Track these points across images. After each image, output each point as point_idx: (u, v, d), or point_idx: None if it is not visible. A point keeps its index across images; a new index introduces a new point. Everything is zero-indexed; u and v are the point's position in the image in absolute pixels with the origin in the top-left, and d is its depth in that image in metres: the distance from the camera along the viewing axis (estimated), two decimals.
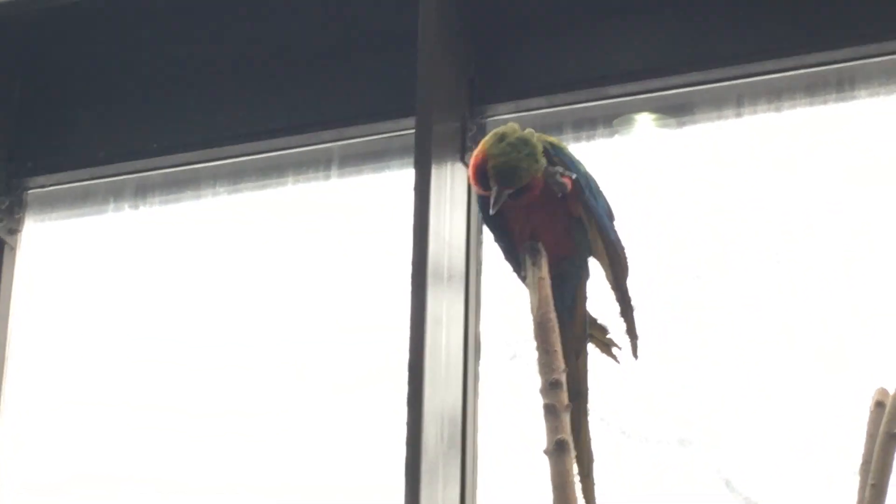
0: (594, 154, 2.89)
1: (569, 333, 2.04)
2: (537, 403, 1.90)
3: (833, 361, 2.67)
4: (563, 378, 1.89)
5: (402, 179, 3.05)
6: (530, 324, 1.96)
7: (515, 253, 2.07)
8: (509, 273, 2.13)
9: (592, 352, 2.12)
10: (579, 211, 2.05)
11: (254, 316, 3.20)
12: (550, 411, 1.87)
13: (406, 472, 2.65)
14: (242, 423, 3.12)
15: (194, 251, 3.31)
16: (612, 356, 2.13)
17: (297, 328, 3.14)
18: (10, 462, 3.28)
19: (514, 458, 2.81)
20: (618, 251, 2.08)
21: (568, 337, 2.02)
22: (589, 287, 2.11)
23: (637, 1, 2.99)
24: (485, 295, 2.92)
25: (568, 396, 1.89)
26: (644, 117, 2.97)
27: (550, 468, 1.85)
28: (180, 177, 3.34)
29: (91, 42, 3.47)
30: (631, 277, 2.09)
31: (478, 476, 2.81)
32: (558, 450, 1.85)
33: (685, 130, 2.94)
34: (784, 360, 2.71)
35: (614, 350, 2.13)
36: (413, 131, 2.92)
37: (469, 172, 2.01)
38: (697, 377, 2.76)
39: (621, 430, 2.72)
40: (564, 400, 1.88)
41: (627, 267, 2.09)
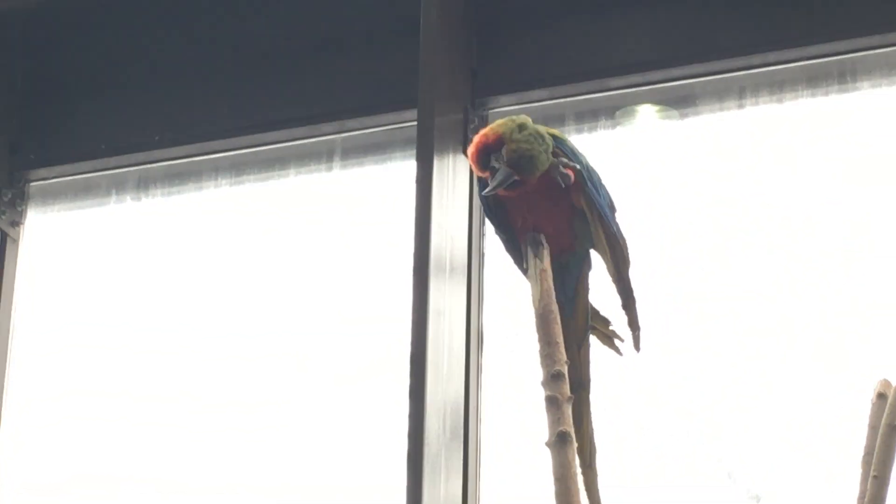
0: (596, 146, 2.89)
1: (571, 325, 2.04)
2: (539, 395, 1.90)
3: (834, 353, 2.67)
4: (566, 370, 1.89)
5: (404, 171, 3.04)
6: (532, 316, 1.96)
7: (517, 244, 2.07)
8: (511, 265, 2.13)
9: (594, 343, 2.12)
10: (581, 203, 2.06)
11: (256, 308, 3.20)
12: (552, 403, 1.87)
13: (408, 465, 2.65)
14: (244, 415, 3.12)
15: (196, 243, 3.31)
16: (615, 348, 2.13)
17: (300, 320, 3.14)
18: (12, 460, 3.28)
19: (517, 450, 2.81)
20: (619, 243, 2.08)
21: (570, 328, 2.02)
22: (591, 279, 2.11)
23: None
24: (487, 287, 2.92)
25: (570, 388, 1.89)
26: (646, 109, 2.97)
27: (552, 460, 1.85)
28: (182, 169, 3.34)
29: (93, 35, 3.47)
30: (632, 269, 2.09)
31: (480, 468, 2.81)
32: (560, 441, 1.85)
33: (687, 122, 2.94)
34: (785, 352, 2.71)
35: (616, 342, 2.13)
36: (415, 123, 2.92)
37: (471, 150, 2.01)
38: (699, 368, 2.76)
39: (623, 422, 2.72)
40: (566, 391, 1.88)
41: (629, 259, 2.09)
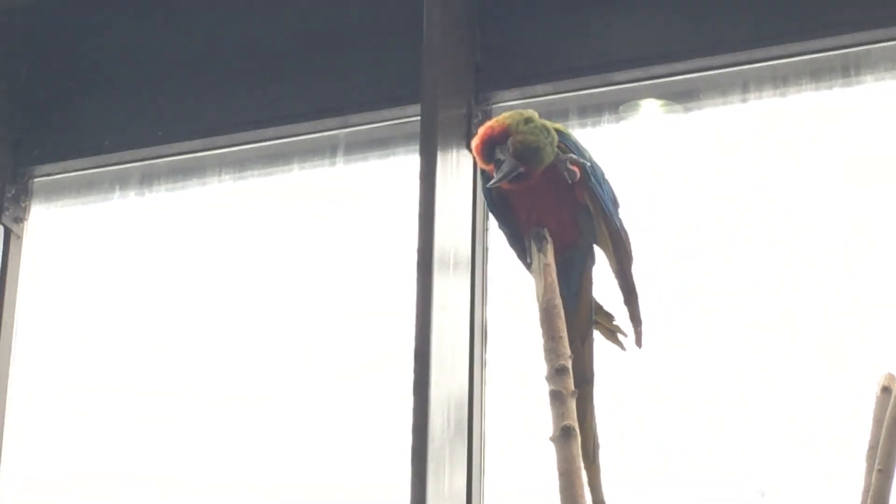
0: (600, 140, 2.89)
1: (574, 320, 2.04)
2: (543, 390, 1.90)
3: (838, 347, 2.67)
4: (570, 364, 1.90)
5: (408, 166, 3.04)
6: (536, 310, 1.96)
7: (520, 239, 2.07)
8: (515, 260, 2.13)
9: (598, 338, 2.12)
10: (585, 198, 2.06)
11: (260, 303, 3.20)
12: (556, 397, 1.87)
13: (412, 459, 2.65)
14: (248, 410, 3.13)
15: (200, 239, 3.31)
16: (618, 343, 2.13)
17: (304, 315, 3.15)
18: (15, 456, 3.28)
19: (521, 445, 2.81)
20: (622, 238, 2.08)
21: (573, 323, 2.02)
22: (594, 274, 2.11)
23: None
24: (491, 281, 2.92)
25: (574, 383, 1.89)
26: (650, 103, 2.97)
27: (557, 454, 1.85)
28: (185, 164, 3.34)
29: (96, 31, 3.47)
30: (635, 264, 2.10)
31: (484, 462, 2.82)
32: (564, 436, 1.85)
33: (691, 116, 2.94)
34: (788, 346, 2.71)
35: (620, 337, 2.13)
36: (419, 118, 2.92)
37: (475, 142, 2.01)
38: (702, 363, 2.76)
39: (626, 417, 2.72)
40: (570, 386, 1.88)
41: (631, 254, 2.09)
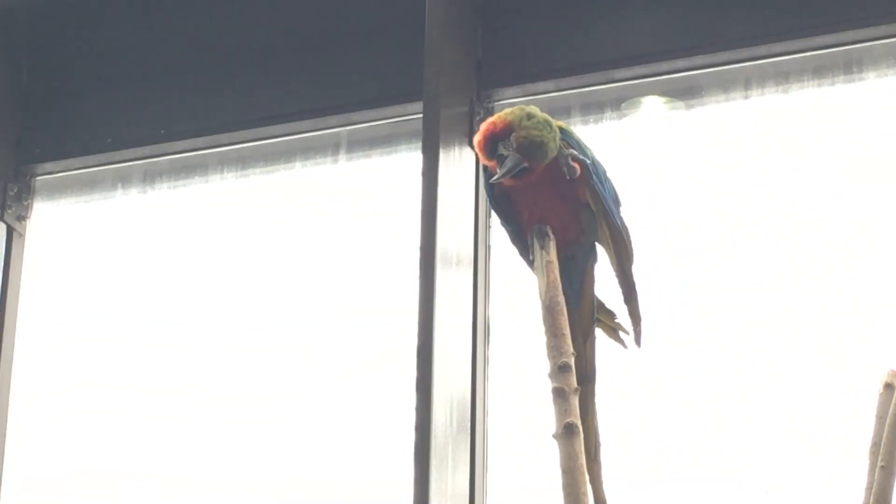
0: (602, 137, 2.89)
1: (576, 317, 2.04)
2: (546, 387, 1.90)
3: (839, 344, 2.67)
4: (572, 361, 1.90)
5: (410, 164, 3.04)
6: (539, 307, 1.96)
7: (523, 237, 2.07)
8: (517, 257, 2.13)
9: (599, 336, 2.12)
10: (586, 196, 2.06)
11: (262, 300, 3.20)
12: (559, 395, 1.87)
13: (415, 457, 2.65)
14: (251, 408, 3.13)
15: (202, 237, 3.31)
16: (620, 341, 2.13)
17: (306, 313, 3.15)
18: (18, 453, 3.29)
19: (524, 442, 2.81)
20: (623, 237, 2.08)
21: (576, 321, 2.02)
22: (596, 271, 2.11)
23: None
24: (493, 279, 2.92)
25: (576, 380, 1.89)
26: (652, 100, 2.97)
27: (560, 452, 1.85)
28: (188, 162, 3.34)
29: (98, 29, 3.47)
30: (636, 262, 2.10)
31: (487, 460, 2.82)
32: (567, 433, 1.85)
33: (693, 113, 2.94)
34: (790, 344, 2.71)
35: (622, 335, 2.13)
36: (421, 116, 2.92)
37: (477, 138, 2.02)
38: (703, 361, 2.76)
39: (628, 415, 2.72)
40: (573, 383, 1.88)
41: (632, 253, 2.09)
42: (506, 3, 3.06)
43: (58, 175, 3.44)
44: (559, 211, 2.05)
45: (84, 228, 3.44)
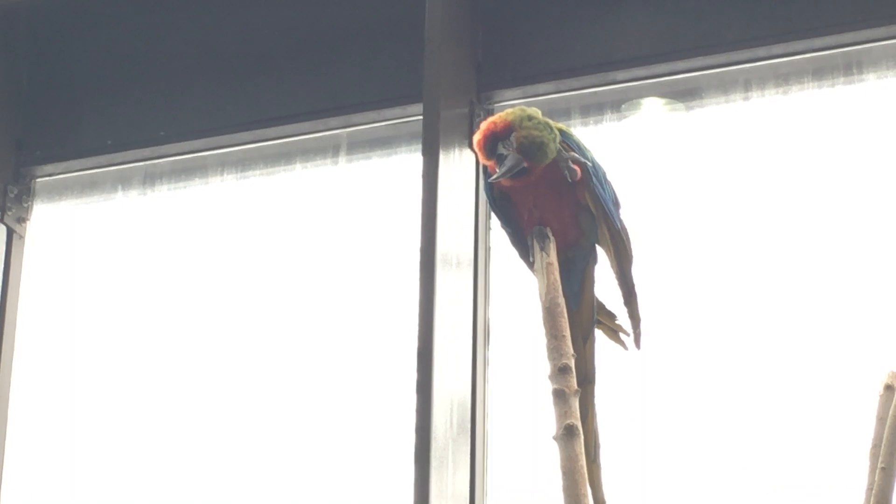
0: (602, 139, 2.89)
1: (576, 319, 2.04)
2: (546, 389, 1.90)
3: (840, 345, 2.66)
4: (573, 363, 1.90)
5: (410, 165, 3.04)
6: (539, 309, 1.96)
7: (523, 238, 2.07)
8: (517, 259, 2.13)
9: (599, 338, 2.12)
10: (586, 198, 2.06)
11: (262, 301, 3.20)
12: (559, 396, 1.88)
13: (415, 459, 2.65)
14: (249, 409, 3.13)
15: (203, 238, 3.31)
16: (620, 342, 2.14)
17: (306, 314, 3.15)
18: (17, 456, 3.29)
19: (524, 444, 2.81)
20: (622, 239, 2.09)
21: (575, 322, 2.02)
22: (596, 273, 2.11)
23: None
24: (493, 280, 2.92)
25: (576, 382, 1.90)
26: (652, 102, 2.97)
27: (560, 453, 1.86)
28: (188, 164, 3.34)
29: (98, 31, 3.47)
30: (636, 264, 2.10)
31: (487, 462, 2.82)
32: (567, 435, 1.85)
33: (693, 115, 2.94)
34: (791, 343, 2.71)
35: (622, 336, 2.13)
36: (421, 117, 2.92)
37: (477, 137, 2.02)
38: (704, 361, 2.76)
39: (628, 416, 2.72)
40: (573, 385, 1.88)
41: (631, 255, 2.09)
42: (505, 5, 3.06)
43: (58, 177, 3.44)
44: (559, 213, 2.05)
45: (84, 230, 3.44)
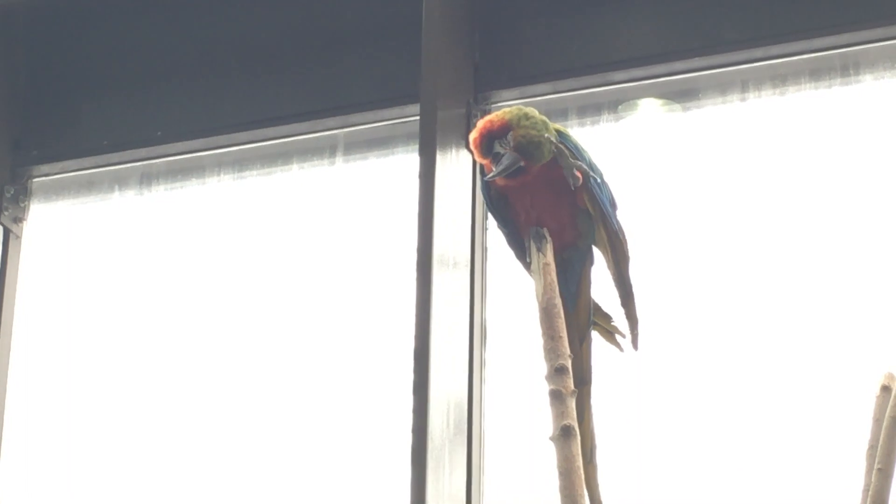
0: (599, 140, 2.89)
1: (573, 320, 2.04)
2: (543, 389, 1.90)
3: (838, 347, 2.66)
4: (569, 364, 1.90)
5: (407, 166, 3.04)
6: (535, 310, 1.96)
7: (520, 239, 2.07)
8: (514, 259, 2.13)
9: (596, 339, 2.12)
10: (584, 201, 2.06)
11: (259, 302, 3.20)
12: (556, 397, 1.88)
13: (412, 459, 2.65)
14: (245, 410, 3.12)
15: (200, 238, 3.31)
16: (616, 344, 2.13)
17: (303, 315, 3.14)
18: (13, 458, 3.28)
19: (521, 445, 2.80)
20: (620, 241, 2.09)
21: (572, 323, 2.02)
22: (593, 273, 2.11)
23: None
24: (490, 281, 2.92)
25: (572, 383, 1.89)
26: (649, 103, 2.97)
27: (556, 454, 1.86)
28: (185, 164, 3.34)
29: (95, 31, 3.47)
30: (633, 265, 2.10)
31: (484, 462, 2.81)
32: (564, 435, 1.85)
33: (690, 116, 2.94)
34: (787, 344, 2.71)
35: (618, 338, 2.13)
36: (418, 118, 2.92)
37: (473, 135, 2.02)
38: (700, 362, 2.76)
39: (624, 417, 2.72)
40: (570, 385, 1.88)
41: (629, 256, 2.09)
42: (502, 5, 3.06)
43: (55, 177, 3.44)
44: (556, 213, 2.05)
45: (81, 230, 3.43)
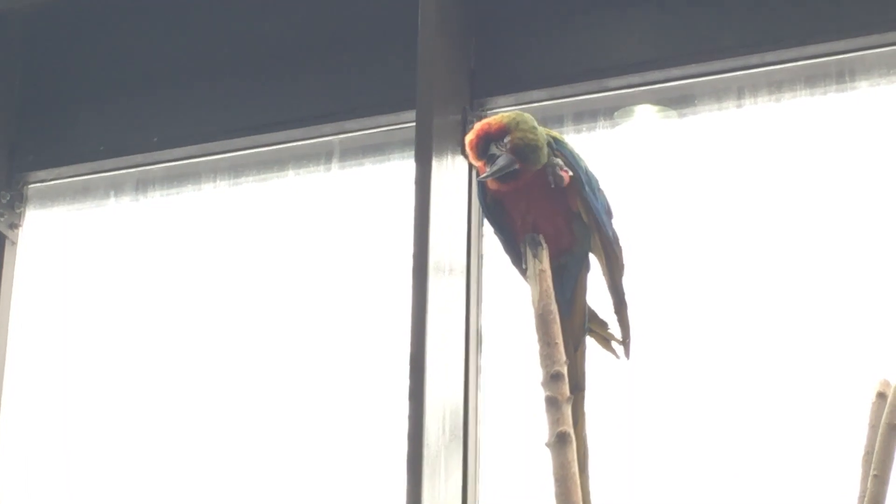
0: (595, 146, 2.89)
1: (568, 326, 2.04)
2: (539, 396, 1.90)
3: (834, 353, 2.67)
4: (565, 370, 1.90)
5: (403, 172, 3.04)
6: (531, 316, 1.96)
7: (515, 245, 2.07)
8: (509, 265, 2.13)
9: (591, 346, 2.12)
10: (578, 206, 2.06)
11: (254, 308, 3.20)
12: (552, 403, 1.87)
13: (408, 466, 2.65)
14: (242, 415, 3.13)
15: (195, 244, 3.31)
16: (612, 351, 2.13)
17: (298, 321, 3.14)
18: (10, 460, 3.29)
19: (516, 451, 2.80)
20: (614, 248, 2.08)
21: (567, 330, 2.02)
22: (589, 280, 2.11)
23: None
24: (486, 287, 2.92)
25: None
26: (645, 109, 2.97)
27: (552, 460, 1.85)
28: (181, 170, 3.34)
29: (91, 37, 3.47)
30: (629, 271, 2.10)
31: (479, 469, 2.81)
32: (560, 442, 1.85)
33: (686, 122, 2.94)
34: (783, 351, 2.71)
35: (613, 345, 2.13)
36: (413, 124, 2.92)
37: (470, 137, 2.02)
38: (697, 368, 2.76)
39: (618, 424, 2.72)
40: (566, 392, 1.88)
41: (623, 264, 2.09)
42: (499, 12, 3.06)
43: (50, 183, 3.44)
44: (552, 220, 2.05)
45: (77, 236, 3.44)
